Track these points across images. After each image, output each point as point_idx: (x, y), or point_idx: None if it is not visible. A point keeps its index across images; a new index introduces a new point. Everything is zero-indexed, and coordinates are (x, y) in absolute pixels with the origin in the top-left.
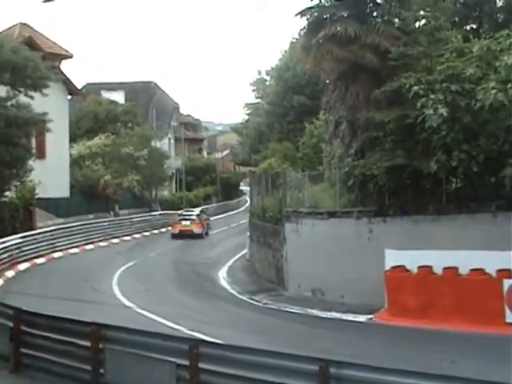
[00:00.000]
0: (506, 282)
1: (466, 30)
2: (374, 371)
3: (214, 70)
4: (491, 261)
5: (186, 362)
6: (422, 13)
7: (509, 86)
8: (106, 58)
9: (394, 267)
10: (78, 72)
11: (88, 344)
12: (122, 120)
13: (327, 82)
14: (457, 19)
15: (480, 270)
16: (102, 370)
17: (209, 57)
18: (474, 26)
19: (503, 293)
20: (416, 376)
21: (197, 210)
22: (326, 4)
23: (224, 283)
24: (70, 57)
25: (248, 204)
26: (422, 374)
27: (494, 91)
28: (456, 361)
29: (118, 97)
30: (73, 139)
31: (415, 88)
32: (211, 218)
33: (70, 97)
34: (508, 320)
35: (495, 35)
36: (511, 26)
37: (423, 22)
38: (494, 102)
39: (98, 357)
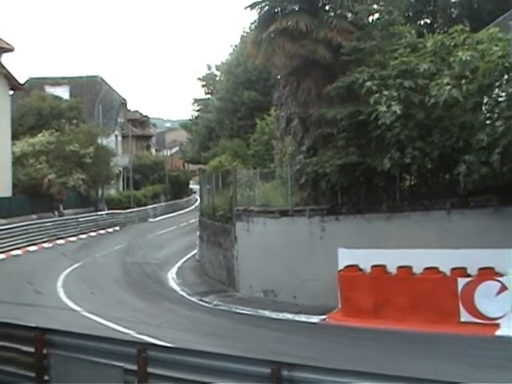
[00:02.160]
0: (461, 281)
1: (420, 24)
2: (327, 373)
3: (162, 64)
4: (445, 259)
5: (134, 367)
6: (375, 7)
7: (463, 81)
8: (50, 52)
9: (347, 266)
10: (20, 66)
11: (31, 350)
12: (67, 116)
13: (278, 77)
14: (411, 14)
15: (434, 269)
16: (46, 377)
17: (157, 50)
18: (428, 21)
19: (458, 291)
20: (370, 377)
21: None
22: None
23: (173, 284)
24: (12, 50)
25: (198, 203)
26: (375, 375)
27: (448, 87)
28: (411, 361)
29: (63, 92)
30: (15, 136)
31: (368, 84)
32: (160, 218)
33: (11, 92)
34: (463, 319)
35: (449, 30)
36: (465, 20)
37: (376, 16)
38: (448, 98)
39: (43, 363)
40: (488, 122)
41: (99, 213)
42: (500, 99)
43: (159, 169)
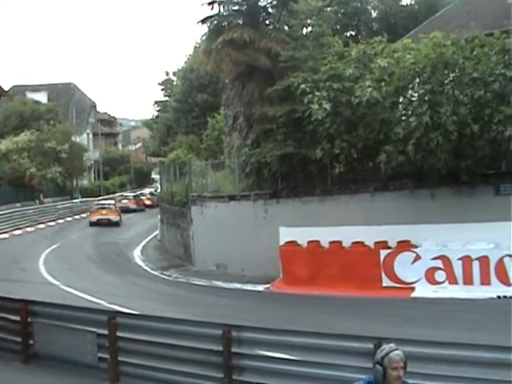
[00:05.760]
0: (383, 252)
1: (346, 36)
2: (269, 333)
3: (128, 71)
4: (369, 234)
5: (106, 332)
6: (308, 21)
7: (382, 84)
8: (30, 62)
9: (287, 242)
10: (4, 75)
11: (18, 318)
12: (45, 118)
13: (226, 81)
14: (338, 27)
15: (360, 243)
16: (31, 341)
17: (124, 60)
18: (353, 33)
19: (380, 261)
20: (305, 335)
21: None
22: (225, 13)
23: (139, 261)
24: None
25: (159, 190)
26: (309, 333)
27: (370, 89)
28: (341, 320)
29: (42, 97)
30: (1, 136)
31: (302, 86)
32: None
33: None
34: (384, 284)
35: (370, 41)
36: (384, 33)
37: (309, 29)
38: (370, 98)
39: (27, 330)
40: (403, 118)
41: (74, 200)
42: (413, 99)
43: (125, 162)
